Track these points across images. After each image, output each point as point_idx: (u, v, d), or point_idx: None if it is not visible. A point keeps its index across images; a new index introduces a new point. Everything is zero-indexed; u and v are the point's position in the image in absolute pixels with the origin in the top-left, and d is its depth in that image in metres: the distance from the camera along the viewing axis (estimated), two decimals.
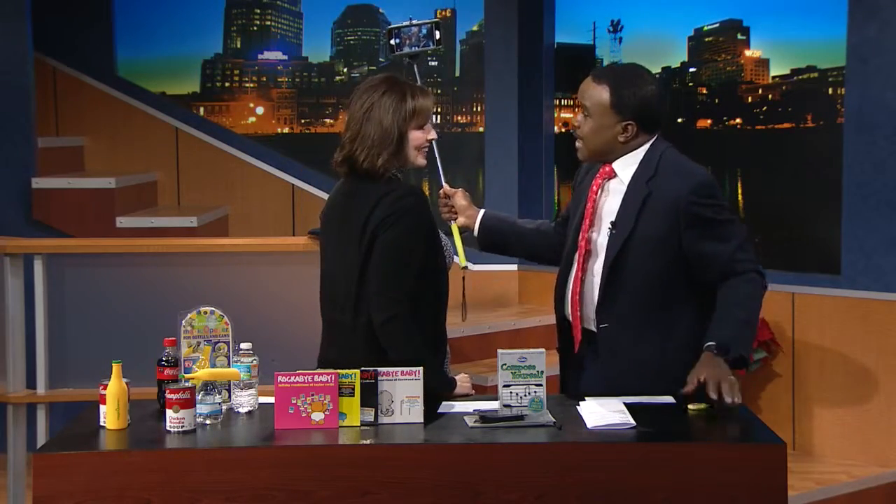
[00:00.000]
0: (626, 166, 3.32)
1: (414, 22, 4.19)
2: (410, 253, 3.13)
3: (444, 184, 3.70)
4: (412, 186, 3.23)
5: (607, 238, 3.29)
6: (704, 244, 3.23)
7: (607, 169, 3.35)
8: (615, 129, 3.29)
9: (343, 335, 3.23)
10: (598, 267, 3.31)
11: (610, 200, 3.33)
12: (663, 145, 3.34)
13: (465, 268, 3.58)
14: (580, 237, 3.35)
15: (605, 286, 3.28)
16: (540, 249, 3.68)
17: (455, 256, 3.67)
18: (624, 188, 3.31)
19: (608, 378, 3.27)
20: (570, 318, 3.38)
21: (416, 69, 4.18)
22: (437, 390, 3.10)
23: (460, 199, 3.63)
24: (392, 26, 4.20)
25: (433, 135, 3.28)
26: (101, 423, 2.92)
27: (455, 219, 3.62)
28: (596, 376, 3.31)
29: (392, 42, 4.17)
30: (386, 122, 3.18)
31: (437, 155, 3.65)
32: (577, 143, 3.38)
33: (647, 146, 3.32)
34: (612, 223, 3.28)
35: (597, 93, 3.30)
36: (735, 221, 3.32)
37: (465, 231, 3.63)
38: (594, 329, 3.31)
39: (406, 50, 4.11)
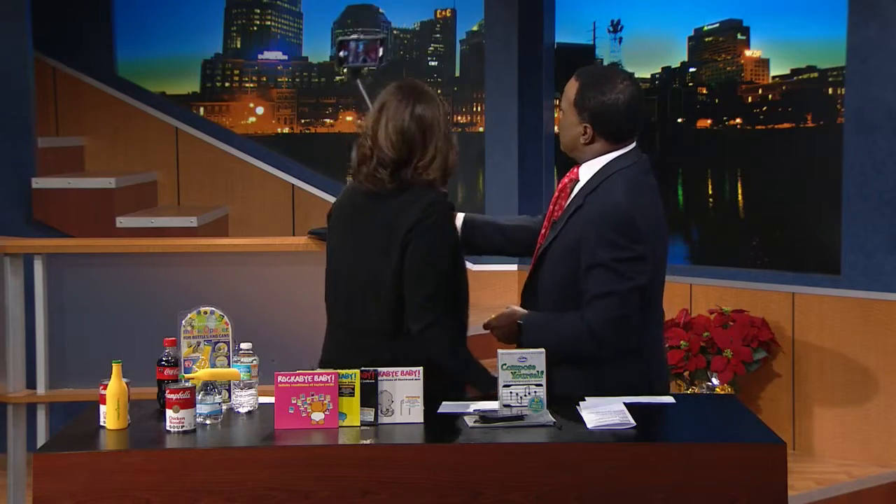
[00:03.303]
0: (587, 173, 3.28)
1: (361, 37, 4.17)
2: (444, 258, 3.14)
3: None
4: (442, 193, 3.21)
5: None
6: (584, 273, 3.16)
7: (575, 171, 3.33)
8: (577, 128, 3.26)
9: (359, 339, 3.20)
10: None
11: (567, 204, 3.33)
12: (629, 163, 3.24)
13: None
14: (539, 238, 3.37)
15: (526, 286, 3.35)
16: (524, 243, 3.56)
17: None
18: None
19: None
20: None
21: (359, 84, 4.17)
22: (486, 390, 3.12)
23: None
24: (341, 38, 4.18)
25: None
26: (101, 423, 2.92)
27: None
28: None
29: (341, 54, 4.16)
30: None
31: None
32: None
33: (611, 156, 3.24)
34: (551, 225, 3.31)
35: (570, 88, 3.28)
36: (620, 276, 3.12)
37: None
38: None
39: (350, 64, 4.11)
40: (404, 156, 3.16)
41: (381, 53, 4.10)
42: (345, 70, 4.23)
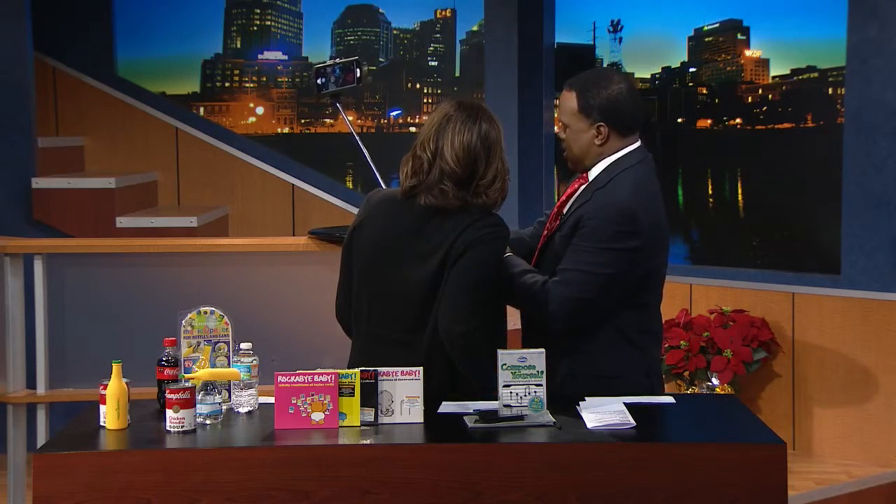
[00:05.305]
0: (594, 171, 3.29)
1: (337, 61, 4.25)
2: (492, 275, 3.15)
3: None
4: (500, 218, 3.23)
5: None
6: (568, 252, 3.20)
7: (585, 177, 3.32)
8: (589, 133, 3.27)
9: (397, 351, 3.17)
10: None
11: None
12: (636, 160, 3.27)
13: None
14: (541, 238, 3.38)
15: None
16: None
17: None
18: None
19: None
20: None
21: (339, 107, 4.25)
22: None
23: None
24: (317, 65, 4.27)
25: None
26: (101, 423, 2.92)
27: None
28: None
29: (318, 81, 4.24)
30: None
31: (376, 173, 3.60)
32: (565, 153, 3.38)
33: (619, 154, 3.27)
34: (556, 216, 3.32)
35: (567, 101, 3.30)
36: (603, 261, 3.15)
37: None
38: None
39: (331, 89, 4.19)
40: (468, 172, 3.14)
41: (358, 75, 4.18)
42: (327, 97, 4.33)
